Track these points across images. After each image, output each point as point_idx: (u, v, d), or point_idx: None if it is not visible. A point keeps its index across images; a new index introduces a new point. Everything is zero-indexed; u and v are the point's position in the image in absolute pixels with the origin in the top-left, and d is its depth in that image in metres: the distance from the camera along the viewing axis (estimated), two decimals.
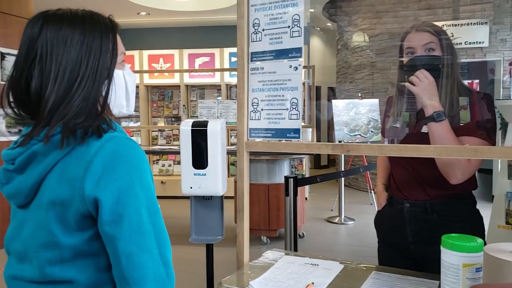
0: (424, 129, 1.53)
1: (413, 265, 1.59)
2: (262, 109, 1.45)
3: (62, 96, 0.93)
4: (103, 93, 0.99)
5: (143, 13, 7.68)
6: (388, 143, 1.68)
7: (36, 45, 0.94)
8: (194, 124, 1.74)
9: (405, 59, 1.54)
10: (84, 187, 0.90)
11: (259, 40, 1.45)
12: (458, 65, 1.57)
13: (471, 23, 6.82)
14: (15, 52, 4.63)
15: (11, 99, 0.97)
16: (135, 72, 7.33)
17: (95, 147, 0.92)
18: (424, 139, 1.47)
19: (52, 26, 0.95)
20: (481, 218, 1.61)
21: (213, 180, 1.75)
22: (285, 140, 1.44)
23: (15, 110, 0.98)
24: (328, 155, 11.62)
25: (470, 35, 6.81)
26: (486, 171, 7.45)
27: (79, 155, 0.92)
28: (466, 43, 6.83)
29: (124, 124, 7.73)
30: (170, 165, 7.99)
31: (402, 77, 1.50)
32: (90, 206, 0.91)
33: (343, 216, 5.88)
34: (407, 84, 1.46)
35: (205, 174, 1.74)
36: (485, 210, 1.99)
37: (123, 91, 1.08)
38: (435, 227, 1.55)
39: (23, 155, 0.94)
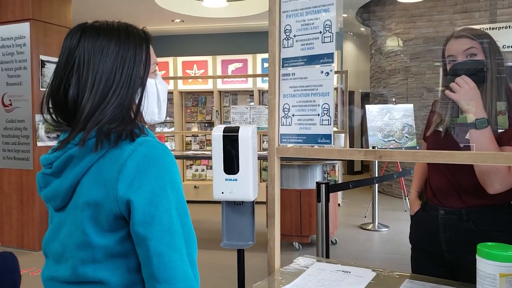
0: (468, 136, 1.46)
1: (448, 274, 1.55)
2: (293, 115, 1.46)
3: (98, 103, 0.97)
4: (137, 101, 1.03)
5: (178, 20, 7.81)
6: (430, 147, 1.64)
7: (75, 54, 0.99)
8: (225, 130, 1.76)
9: (448, 67, 1.51)
10: (117, 189, 0.93)
11: (291, 46, 1.45)
12: (505, 68, 1.50)
13: (509, 26, 6.61)
14: (55, 59, 4.81)
15: (50, 106, 1.02)
16: (169, 78, 7.46)
17: (128, 150, 0.96)
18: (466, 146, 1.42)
19: (90, 37, 1.00)
20: None
21: (245, 186, 1.75)
22: (317, 145, 1.44)
23: (53, 116, 1.03)
24: (362, 160, 11.47)
25: (508, 39, 6.60)
26: None
27: (113, 157, 0.95)
28: (504, 46, 6.61)
29: (158, 129, 7.87)
30: (203, 170, 8.07)
31: (445, 84, 1.46)
32: (122, 207, 0.94)
33: (376, 223, 5.78)
34: (447, 91, 1.43)
35: (236, 180, 1.75)
36: None
37: (154, 99, 1.12)
38: (470, 235, 1.50)
39: (60, 159, 0.99)
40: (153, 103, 1.11)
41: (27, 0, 4.86)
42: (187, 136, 8.32)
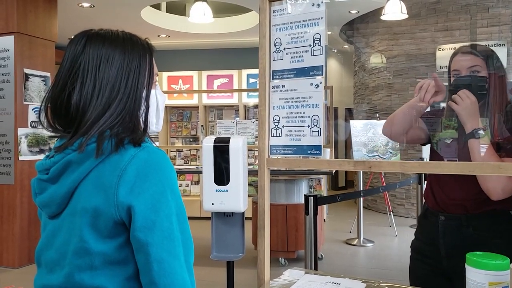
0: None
1: (445, 284, 1.58)
2: (283, 126, 1.47)
3: (103, 111, 0.98)
4: (141, 111, 1.04)
5: (163, 36, 7.83)
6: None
7: (79, 60, 1.00)
8: (216, 141, 1.76)
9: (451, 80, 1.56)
10: (118, 194, 0.93)
11: (281, 59, 1.47)
12: (506, 85, 1.56)
13: (488, 44, 6.77)
14: (39, 73, 4.74)
15: (49, 110, 1.02)
16: None
17: (129, 155, 0.96)
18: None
19: (95, 44, 1.01)
20: None
21: (235, 196, 1.75)
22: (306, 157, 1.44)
23: (51, 122, 1.02)
24: (346, 176, 11.53)
25: None
26: None
27: (113, 163, 0.95)
28: None
29: None
30: (187, 185, 8.02)
31: (448, 97, 1.53)
32: (122, 212, 0.94)
33: (362, 238, 5.79)
34: (450, 102, 1.49)
35: (226, 190, 1.75)
36: None
37: (154, 110, 1.13)
38: (469, 241, 1.54)
39: (57, 164, 0.98)
40: (153, 113, 1.12)
41: (12, 13, 4.82)
42: (171, 151, 8.28)
